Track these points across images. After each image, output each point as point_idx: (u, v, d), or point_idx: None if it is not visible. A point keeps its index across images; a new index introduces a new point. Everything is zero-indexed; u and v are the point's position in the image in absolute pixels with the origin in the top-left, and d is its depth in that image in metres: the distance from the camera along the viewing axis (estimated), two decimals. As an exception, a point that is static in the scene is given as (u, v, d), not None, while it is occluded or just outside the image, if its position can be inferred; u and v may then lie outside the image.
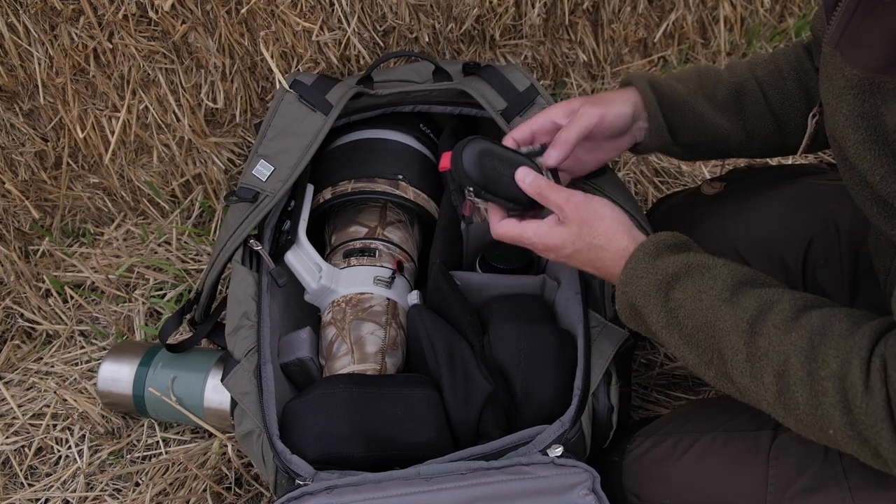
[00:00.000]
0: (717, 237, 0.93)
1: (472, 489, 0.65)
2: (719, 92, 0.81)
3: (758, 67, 0.82)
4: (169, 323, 0.90)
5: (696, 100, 0.81)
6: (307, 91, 0.94)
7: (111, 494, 0.92)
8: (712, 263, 0.63)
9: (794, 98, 0.80)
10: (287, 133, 0.91)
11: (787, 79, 0.81)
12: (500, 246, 0.94)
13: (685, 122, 0.81)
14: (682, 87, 0.81)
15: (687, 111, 0.80)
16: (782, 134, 0.82)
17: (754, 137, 0.82)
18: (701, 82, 0.82)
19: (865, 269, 0.80)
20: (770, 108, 0.81)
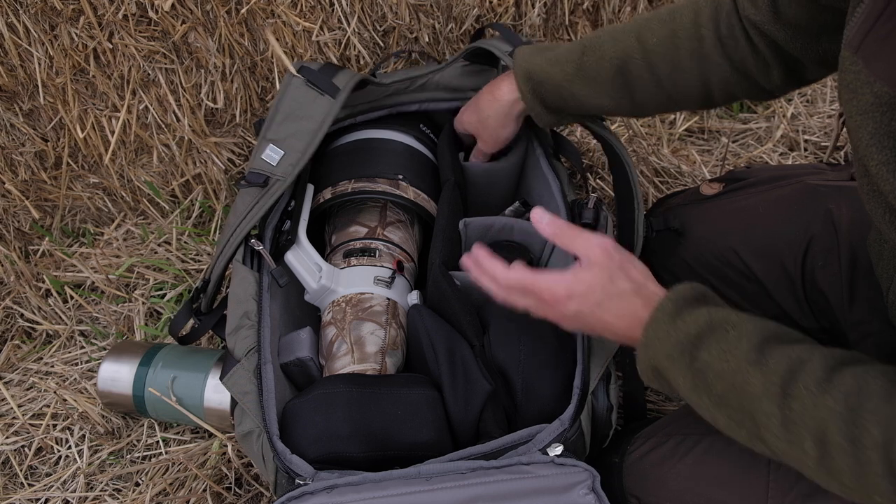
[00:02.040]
0: (716, 238, 0.93)
1: (471, 489, 0.65)
2: (602, 71, 0.80)
3: (649, 34, 0.78)
4: (179, 316, 0.89)
5: (574, 84, 0.82)
6: (314, 75, 0.93)
7: (111, 494, 0.92)
8: (736, 320, 0.59)
9: (685, 70, 0.78)
10: (295, 117, 0.90)
11: (681, 48, 0.77)
12: (500, 246, 0.94)
13: (566, 105, 0.85)
14: (559, 73, 0.82)
15: (566, 95, 0.83)
16: (673, 102, 0.82)
17: (644, 108, 0.84)
18: (582, 62, 0.81)
19: (865, 270, 0.80)
20: (658, 80, 0.79)
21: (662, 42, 0.78)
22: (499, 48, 0.96)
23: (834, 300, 0.83)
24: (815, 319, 0.87)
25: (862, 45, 0.53)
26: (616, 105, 0.83)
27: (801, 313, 0.87)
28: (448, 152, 1.00)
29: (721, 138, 1.36)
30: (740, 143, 1.36)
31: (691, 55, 0.77)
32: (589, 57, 0.81)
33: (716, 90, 0.79)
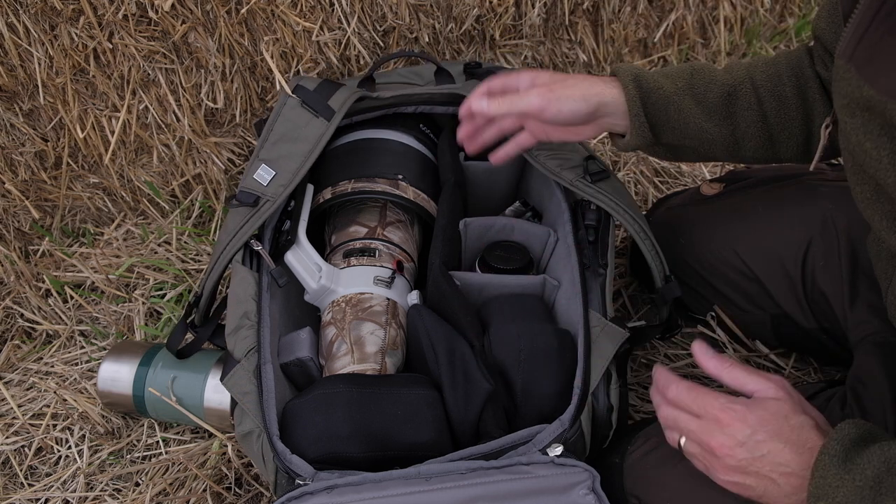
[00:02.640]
0: (716, 238, 0.93)
1: (471, 489, 0.65)
2: (711, 93, 0.77)
3: (757, 70, 0.78)
4: (176, 332, 0.90)
5: (683, 100, 0.77)
6: (310, 96, 0.94)
7: (111, 494, 0.92)
8: None
9: (790, 106, 0.77)
10: (289, 138, 0.91)
11: (787, 85, 0.77)
12: (500, 246, 0.94)
13: (669, 121, 0.78)
14: (670, 85, 0.77)
15: (672, 111, 0.77)
16: (773, 144, 0.79)
17: (743, 145, 0.79)
18: (692, 81, 0.78)
19: (865, 270, 0.80)
20: (764, 115, 0.77)
21: (770, 78, 0.77)
22: None
23: (834, 300, 0.83)
24: (815, 320, 0.87)
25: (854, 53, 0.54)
26: (718, 132, 0.78)
27: (801, 313, 0.87)
28: (448, 152, 1.00)
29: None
30: (740, 143, 1.36)
31: (797, 93, 0.77)
32: (698, 78, 0.78)
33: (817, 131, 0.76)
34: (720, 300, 0.95)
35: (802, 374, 0.98)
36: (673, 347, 1.04)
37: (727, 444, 0.59)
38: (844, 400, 0.73)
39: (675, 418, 0.63)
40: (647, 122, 0.77)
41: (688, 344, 1.04)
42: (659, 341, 1.05)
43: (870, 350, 0.75)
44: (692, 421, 0.62)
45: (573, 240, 0.89)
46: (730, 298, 0.94)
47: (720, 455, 0.59)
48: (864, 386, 0.72)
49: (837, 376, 0.97)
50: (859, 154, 0.56)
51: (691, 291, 0.98)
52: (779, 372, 0.99)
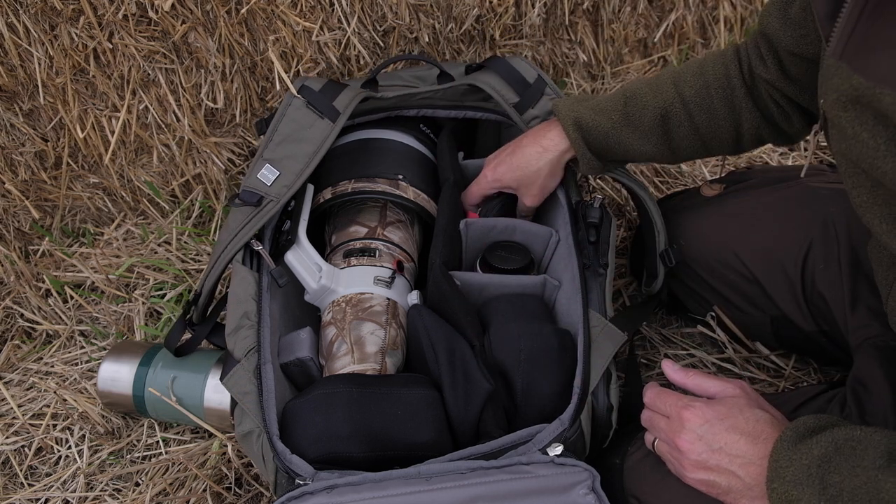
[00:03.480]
0: (716, 239, 0.93)
1: (471, 488, 0.65)
2: (645, 118, 0.85)
3: (685, 85, 0.85)
4: (174, 331, 0.90)
5: (621, 132, 0.86)
6: (315, 97, 0.94)
7: (111, 494, 0.92)
8: (861, 434, 0.57)
9: (720, 116, 0.83)
10: (294, 139, 0.91)
11: (715, 97, 0.83)
12: (501, 247, 0.94)
13: (611, 151, 0.88)
14: (606, 122, 0.86)
15: (612, 143, 0.87)
16: (706, 148, 0.87)
17: (679, 154, 0.88)
18: (626, 111, 0.86)
19: (866, 274, 0.80)
20: (696, 128, 0.85)
21: (699, 92, 0.84)
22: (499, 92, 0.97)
23: (834, 303, 0.83)
24: (814, 322, 0.87)
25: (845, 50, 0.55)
26: (656, 151, 0.87)
27: (801, 315, 0.87)
28: (448, 152, 1.00)
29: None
30: (740, 144, 1.36)
31: (725, 104, 0.83)
32: (632, 107, 0.86)
33: (746, 136, 0.85)
34: (720, 301, 0.95)
35: (802, 375, 0.98)
36: (673, 348, 1.04)
37: (688, 438, 0.64)
38: (844, 402, 0.73)
39: (649, 419, 0.70)
40: (594, 157, 0.89)
41: (688, 344, 1.04)
42: (658, 341, 1.05)
43: (870, 353, 0.75)
44: (662, 420, 0.68)
45: (573, 240, 0.89)
46: (729, 300, 0.94)
47: (684, 451, 0.64)
48: (865, 388, 0.72)
49: (837, 377, 0.97)
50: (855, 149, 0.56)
51: (691, 292, 0.98)
52: (779, 373, 0.99)
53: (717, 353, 1.02)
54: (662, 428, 0.68)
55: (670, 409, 0.67)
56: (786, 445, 0.59)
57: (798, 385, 0.97)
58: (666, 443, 0.68)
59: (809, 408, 0.76)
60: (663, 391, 0.70)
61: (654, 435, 0.70)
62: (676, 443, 0.65)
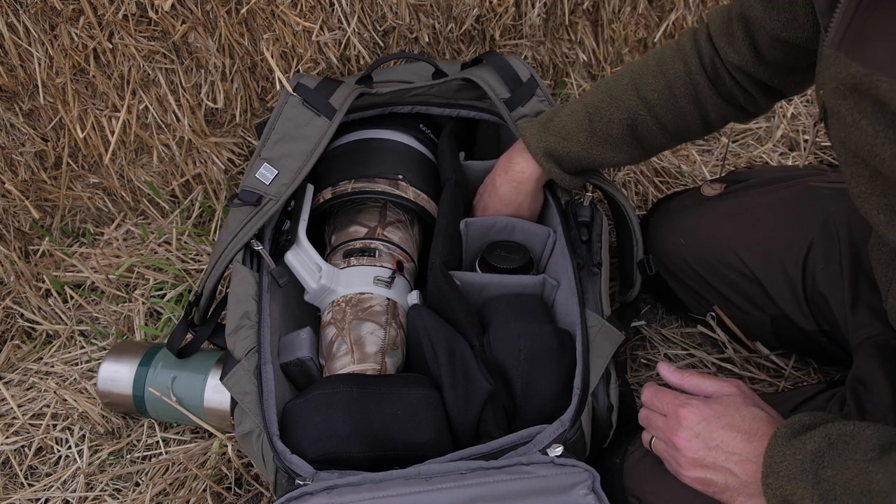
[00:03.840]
0: (717, 239, 0.93)
1: (471, 489, 0.65)
2: (613, 131, 0.87)
3: (647, 89, 0.86)
4: (177, 332, 0.90)
5: (592, 150, 0.88)
6: (311, 95, 0.94)
7: (111, 494, 0.92)
8: (853, 429, 0.58)
9: (686, 112, 0.85)
10: (291, 137, 0.91)
11: (679, 97, 0.85)
12: (500, 246, 0.94)
13: (587, 169, 0.92)
14: (576, 146, 0.88)
15: (586, 162, 0.89)
16: (678, 141, 0.90)
17: (652, 152, 0.92)
18: (592, 128, 0.87)
19: (866, 273, 0.80)
20: (664, 128, 0.87)
21: (662, 94, 0.85)
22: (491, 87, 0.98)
23: (834, 303, 0.83)
24: (815, 322, 0.87)
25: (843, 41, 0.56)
26: (630, 156, 0.90)
27: (801, 315, 0.87)
28: (448, 152, 1.00)
29: (721, 138, 1.36)
30: (740, 143, 1.36)
31: (690, 101, 0.85)
32: (597, 123, 0.87)
33: (714, 121, 0.87)
34: (720, 301, 0.95)
35: (802, 375, 0.98)
36: (673, 348, 1.04)
37: (685, 436, 0.65)
38: (844, 401, 0.73)
39: (647, 417, 0.71)
40: (572, 179, 0.92)
41: (688, 344, 1.04)
42: (658, 341, 1.05)
43: (871, 352, 0.75)
44: (659, 419, 0.69)
45: (566, 239, 0.89)
46: (730, 299, 0.94)
47: (681, 448, 0.65)
48: (865, 387, 0.72)
49: (837, 376, 0.97)
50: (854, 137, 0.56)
51: (691, 292, 0.98)
52: (779, 372, 0.99)
53: (717, 352, 1.02)
54: (660, 426, 0.68)
55: (667, 407, 0.68)
56: (780, 441, 0.60)
57: (798, 385, 0.97)
58: (663, 441, 0.68)
59: (809, 406, 0.76)
60: (661, 390, 0.70)
61: (652, 433, 0.70)
62: (673, 441, 0.66)
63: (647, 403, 0.71)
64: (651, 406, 0.71)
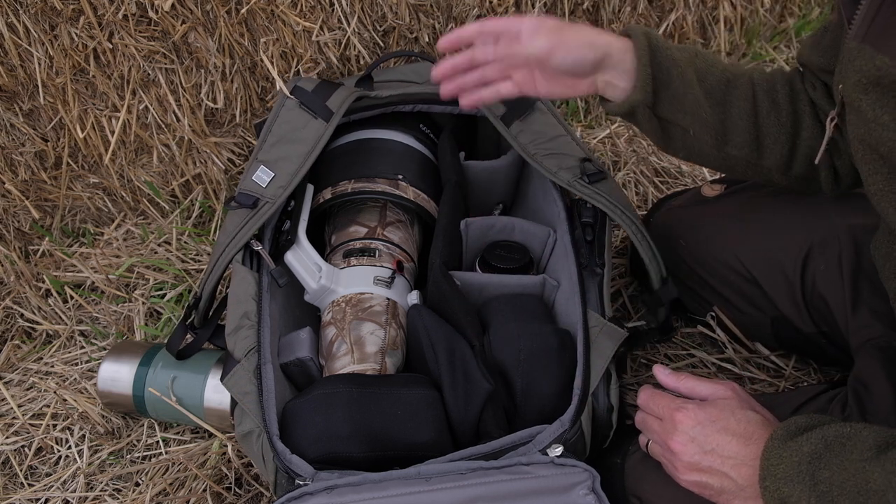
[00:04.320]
0: (716, 240, 0.93)
1: (471, 489, 0.65)
2: (711, 75, 0.76)
3: (755, 72, 0.79)
4: (175, 335, 0.90)
5: (688, 70, 0.75)
6: (308, 97, 0.94)
7: (111, 494, 0.92)
8: (849, 430, 0.58)
9: (782, 111, 0.77)
10: (288, 140, 0.91)
11: (780, 92, 0.78)
12: (501, 246, 0.94)
13: (671, 86, 0.75)
14: (678, 52, 0.75)
15: (675, 75, 0.75)
16: (759, 146, 0.78)
17: (731, 138, 0.77)
18: (696, 59, 0.76)
19: (868, 275, 0.80)
20: (756, 111, 0.77)
21: (766, 81, 0.78)
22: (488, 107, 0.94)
23: (835, 305, 0.83)
24: (813, 324, 0.87)
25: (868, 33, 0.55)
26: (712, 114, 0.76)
27: (800, 317, 0.87)
28: (449, 152, 1.00)
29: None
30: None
31: (788, 100, 0.77)
32: (701, 59, 0.77)
33: (800, 156, 0.78)
34: (720, 302, 0.95)
35: (802, 375, 0.98)
36: (673, 348, 1.04)
37: (681, 440, 0.64)
38: (845, 402, 0.73)
39: (643, 420, 0.71)
40: (651, 79, 0.74)
41: (688, 344, 1.04)
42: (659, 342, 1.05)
43: (872, 354, 0.75)
44: (655, 422, 0.68)
45: (570, 239, 0.89)
46: (729, 300, 0.94)
47: (677, 452, 0.65)
48: (866, 389, 0.72)
49: (837, 377, 0.97)
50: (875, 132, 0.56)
51: (691, 293, 0.98)
52: (779, 373, 0.99)
53: (717, 353, 1.02)
54: (655, 430, 0.68)
55: (663, 410, 0.68)
56: (776, 444, 0.60)
57: (798, 385, 0.97)
58: (659, 444, 0.68)
59: (810, 407, 0.76)
60: (656, 393, 0.70)
61: (648, 437, 0.70)
62: (669, 444, 0.66)
63: (644, 406, 0.71)
64: (647, 409, 0.71)
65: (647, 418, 0.70)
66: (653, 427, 0.69)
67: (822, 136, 0.74)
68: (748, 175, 0.81)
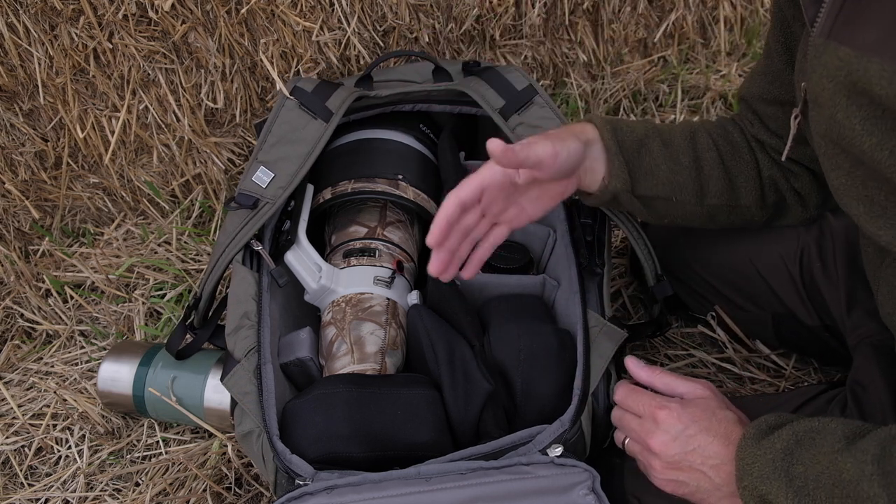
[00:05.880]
0: (716, 238, 0.93)
1: (471, 489, 0.65)
2: (675, 136, 0.79)
3: (705, 124, 0.82)
4: (175, 335, 0.90)
5: (653, 142, 0.77)
6: (307, 98, 0.94)
7: (111, 494, 0.92)
8: (819, 425, 0.60)
9: (742, 150, 0.80)
10: (287, 140, 0.91)
11: (733, 133, 0.81)
12: (500, 246, 0.94)
13: (643, 165, 0.77)
14: (640, 127, 0.78)
15: (644, 153, 0.77)
16: (734, 188, 0.80)
17: (708, 189, 0.79)
18: (658, 127, 0.80)
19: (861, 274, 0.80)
20: (721, 158, 0.80)
21: (717, 128, 0.81)
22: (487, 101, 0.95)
23: (832, 303, 0.83)
24: (818, 317, 0.87)
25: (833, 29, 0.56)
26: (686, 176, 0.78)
27: (804, 310, 0.87)
28: (449, 152, 1.00)
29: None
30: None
31: (742, 139, 0.80)
32: (661, 126, 0.80)
33: (767, 187, 0.80)
34: (720, 300, 0.95)
35: (802, 374, 0.98)
36: (673, 347, 1.04)
37: (662, 439, 0.65)
38: (845, 403, 0.73)
39: (620, 418, 0.70)
40: (624, 163, 0.75)
41: (688, 344, 1.04)
42: (658, 342, 1.05)
43: (868, 353, 0.75)
44: (634, 420, 0.68)
45: (570, 239, 0.89)
46: (730, 298, 0.94)
47: (656, 451, 0.65)
48: (864, 389, 0.72)
49: (837, 377, 0.97)
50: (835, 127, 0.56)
51: (691, 291, 0.98)
52: (779, 372, 0.99)
53: (717, 352, 1.02)
54: (634, 428, 0.68)
55: (643, 408, 0.67)
56: (750, 443, 0.61)
57: (798, 385, 0.97)
58: (637, 442, 0.68)
59: (810, 408, 0.76)
60: (635, 389, 0.70)
61: (625, 434, 0.70)
62: (649, 443, 0.66)
63: (621, 403, 0.71)
64: (625, 406, 0.70)
65: (625, 415, 0.70)
66: (631, 425, 0.69)
67: (773, 164, 0.79)
68: (729, 220, 0.83)
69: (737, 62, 1.50)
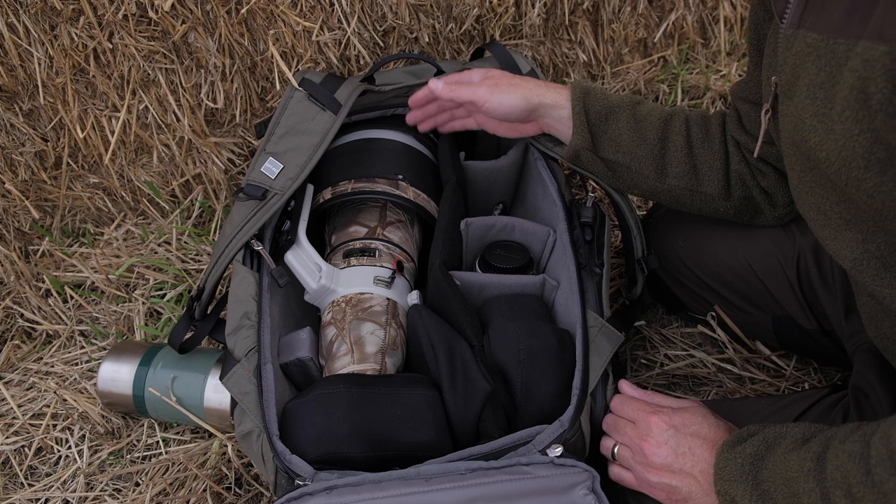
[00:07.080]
0: (715, 240, 0.93)
1: (471, 489, 0.65)
2: (650, 116, 0.84)
3: (692, 111, 0.87)
4: (178, 327, 0.90)
5: (623, 113, 0.84)
6: (316, 90, 0.94)
7: (111, 494, 0.92)
8: (786, 430, 0.63)
9: (715, 141, 0.83)
10: (296, 131, 0.91)
11: (713, 124, 0.85)
12: (500, 246, 0.94)
13: (607, 130, 0.85)
14: (615, 98, 0.85)
15: (611, 121, 0.85)
16: (696, 175, 0.84)
17: (668, 171, 0.85)
18: (635, 107, 0.85)
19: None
20: (690, 143, 0.84)
21: (700, 115, 0.86)
22: None
23: (829, 309, 0.83)
24: (816, 321, 0.87)
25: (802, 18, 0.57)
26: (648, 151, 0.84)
27: (803, 314, 0.87)
28: (449, 152, 1.00)
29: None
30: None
31: (720, 131, 0.84)
32: (642, 107, 0.86)
33: (734, 180, 0.84)
34: (720, 302, 0.95)
35: (803, 375, 0.98)
36: (673, 348, 1.04)
37: (655, 442, 0.68)
38: (848, 409, 0.73)
39: (614, 423, 0.73)
40: (587, 123, 0.84)
41: (688, 344, 1.04)
42: (658, 342, 1.05)
43: (867, 359, 0.75)
44: (628, 425, 0.71)
45: (569, 239, 0.89)
46: (729, 300, 0.94)
47: (649, 454, 0.68)
48: (866, 396, 0.72)
49: (837, 377, 0.97)
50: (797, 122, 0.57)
51: (691, 293, 0.98)
52: (780, 373, 0.99)
53: (717, 353, 1.02)
54: (628, 433, 0.71)
55: (637, 414, 0.71)
56: (725, 449, 0.64)
57: (798, 385, 0.97)
58: (630, 447, 0.70)
59: (813, 412, 0.76)
60: (630, 398, 0.73)
61: (618, 440, 0.73)
62: (642, 446, 0.68)
63: (616, 410, 0.74)
64: (619, 412, 0.73)
65: (619, 421, 0.73)
66: (625, 430, 0.71)
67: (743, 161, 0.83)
68: (695, 205, 0.87)
69: (737, 62, 1.50)
